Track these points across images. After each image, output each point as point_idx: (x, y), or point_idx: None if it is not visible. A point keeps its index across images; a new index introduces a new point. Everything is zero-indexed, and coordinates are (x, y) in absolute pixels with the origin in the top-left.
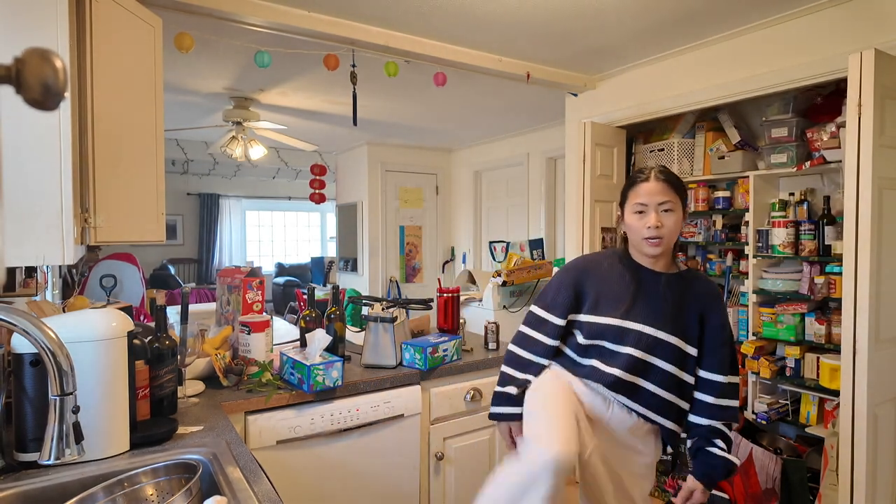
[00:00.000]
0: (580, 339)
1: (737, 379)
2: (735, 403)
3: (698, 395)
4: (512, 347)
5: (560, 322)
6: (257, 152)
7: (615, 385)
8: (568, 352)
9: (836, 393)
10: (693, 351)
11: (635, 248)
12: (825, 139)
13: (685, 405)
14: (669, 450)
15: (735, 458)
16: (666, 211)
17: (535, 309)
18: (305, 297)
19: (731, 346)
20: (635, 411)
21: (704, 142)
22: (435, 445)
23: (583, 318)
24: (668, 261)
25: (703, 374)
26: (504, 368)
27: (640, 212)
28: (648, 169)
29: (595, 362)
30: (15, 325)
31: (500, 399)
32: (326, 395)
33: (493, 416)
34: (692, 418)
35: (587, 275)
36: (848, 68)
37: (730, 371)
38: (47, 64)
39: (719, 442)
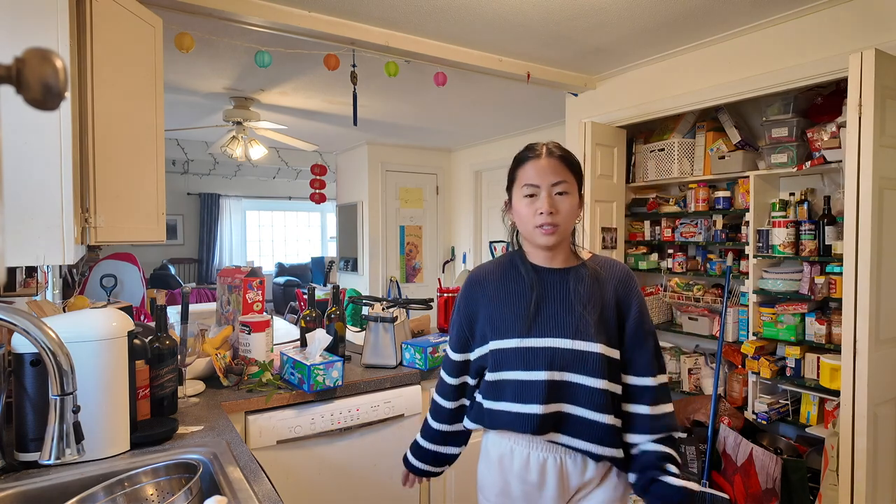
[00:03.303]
0: (488, 375)
1: (666, 378)
2: (671, 408)
3: (632, 408)
4: (433, 394)
5: (456, 357)
6: (257, 152)
7: (543, 425)
8: (482, 401)
9: (837, 393)
10: (616, 355)
11: (528, 241)
12: (825, 139)
13: (619, 423)
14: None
15: (692, 485)
16: (561, 194)
17: (447, 348)
18: (305, 297)
19: (655, 339)
20: (574, 448)
21: (705, 142)
22: None
23: (481, 349)
24: (567, 253)
25: (633, 380)
26: (427, 417)
27: (531, 195)
28: (541, 145)
29: (512, 406)
30: (15, 325)
31: (416, 450)
32: (327, 395)
33: (406, 464)
34: (632, 438)
35: (477, 291)
36: (848, 68)
37: (658, 370)
38: (47, 64)
39: (672, 468)
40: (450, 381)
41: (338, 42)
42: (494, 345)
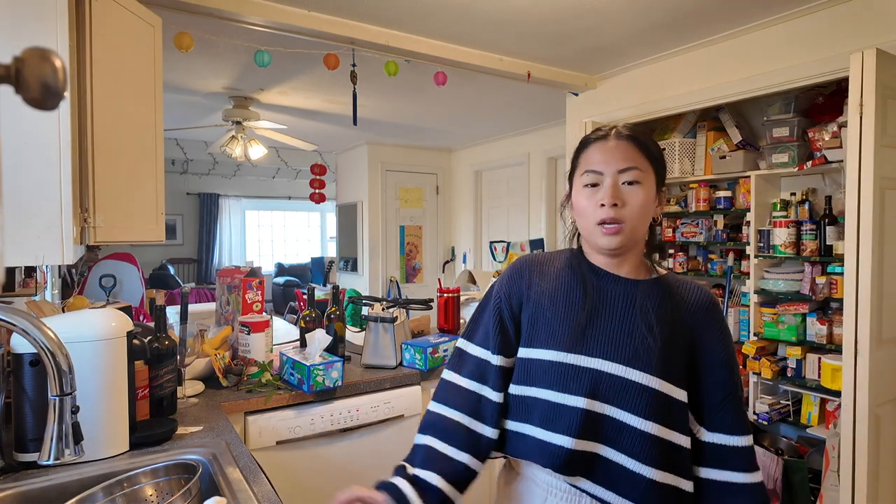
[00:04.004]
0: (513, 388)
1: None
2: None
3: (721, 475)
4: (432, 406)
5: (492, 359)
6: (257, 152)
7: (570, 463)
8: (505, 421)
9: (838, 393)
10: (682, 396)
11: (588, 242)
12: (826, 139)
13: (688, 486)
14: None
15: None
16: (630, 184)
17: (459, 342)
18: (305, 297)
19: (742, 387)
20: (604, 503)
21: (706, 141)
22: None
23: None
24: (637, 262)
25: (718, 438)
26: (418, 439)
27: (593, 185)
28: (610, 125)
29: (536, 431)
30: (14, 325)
31: (422, 486)
32: (326, 395)
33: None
34: None
35: (522, 284)
36: (849, 68)
37: (749, 426)
38: (47, 63)
39: None
40: (464, 384)
41: (338, 41)
42: (528, 353)
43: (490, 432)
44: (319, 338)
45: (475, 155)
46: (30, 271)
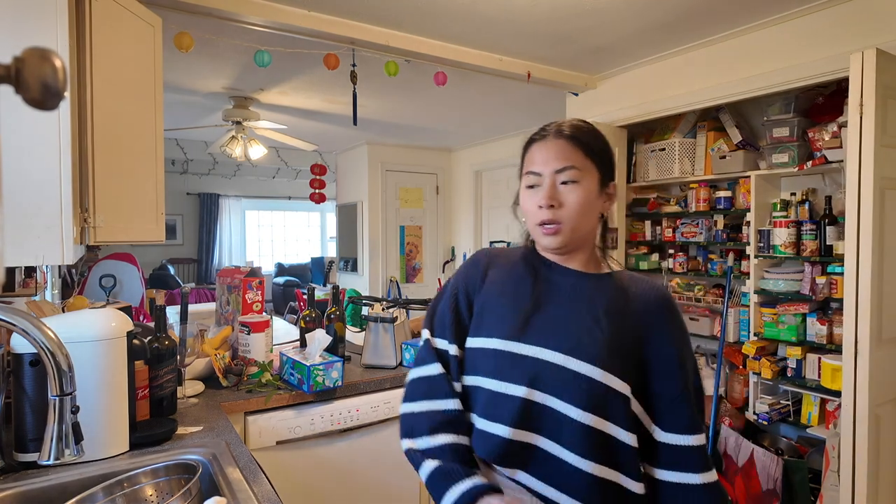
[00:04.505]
0: (463, 378)
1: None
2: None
3: (674, 477)
4: (404, 407)
5: (450, 349)
6: (257, 152)
7: (507, 453)
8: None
9: (838, 393)
10: (625, 389)
11: (536, 239)
12: (826, 139)
13: (635, 486)
14: None
15: None
16: (567, 183)
17: (424, 332)
18: (305, 297)
19: (700, 384)
20: (543, 498)
21: (706, 141)
22: None
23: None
24: (587, 257)
25: (670, 438)
26: (405, 443)
27: (534, 186)
28: (554, 123)
29: (478, 422)
30: (14, 325)
31: (438, 483)
32: (326, 395)
33: None
34: None
35: (477, 273)
36: (849, 68)
37: (701, 425)
38: (47, 63)
39: None
40: (440, 371)
41: (338, 41)
42: (474, 342)
43: (453, 404)
44: (319, 338)
45: (475, 155)
46: (30, 271)
